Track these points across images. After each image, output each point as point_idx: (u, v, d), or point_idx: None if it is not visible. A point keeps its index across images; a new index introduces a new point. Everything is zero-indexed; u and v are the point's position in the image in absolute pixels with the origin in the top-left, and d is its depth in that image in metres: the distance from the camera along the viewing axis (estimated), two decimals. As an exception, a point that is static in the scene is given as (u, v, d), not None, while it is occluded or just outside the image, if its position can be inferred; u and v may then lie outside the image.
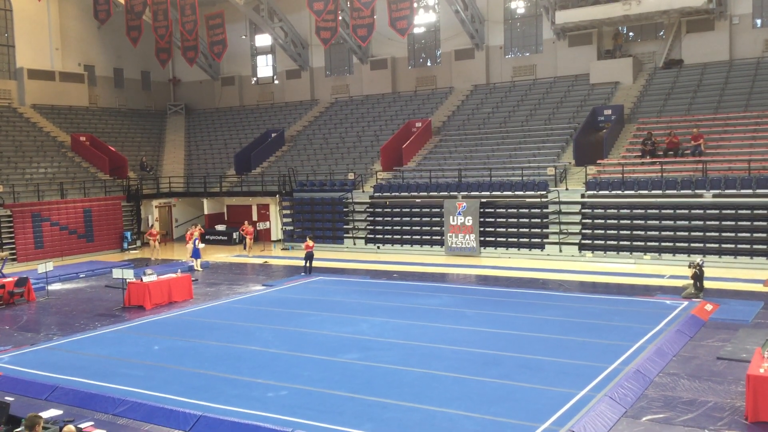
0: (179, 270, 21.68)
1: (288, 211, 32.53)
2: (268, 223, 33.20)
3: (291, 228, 32.02)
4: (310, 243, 23.91)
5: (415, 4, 34.29)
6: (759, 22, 30.73)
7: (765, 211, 22.36)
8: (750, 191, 22.70)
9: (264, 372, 12.72)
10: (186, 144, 42.33)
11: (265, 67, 44.80)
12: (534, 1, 35.24)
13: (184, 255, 27.79)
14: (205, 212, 35.61)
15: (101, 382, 12.32)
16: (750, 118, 26.79)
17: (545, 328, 15.37)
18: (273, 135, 38.54)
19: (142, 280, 19.27)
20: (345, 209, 30.96)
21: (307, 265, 23.75)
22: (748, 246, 22.26)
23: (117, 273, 19.84)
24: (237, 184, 35.55)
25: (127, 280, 19.41)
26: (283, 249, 31.13)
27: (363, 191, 31.02)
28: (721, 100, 28.74)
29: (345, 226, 30.74)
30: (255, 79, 45.03)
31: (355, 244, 29.87)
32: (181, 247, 30.35)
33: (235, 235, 33.23)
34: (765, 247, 21.99)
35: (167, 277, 20.04)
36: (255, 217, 34.22)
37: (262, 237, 32.72)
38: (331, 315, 17.31)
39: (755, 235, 22.34)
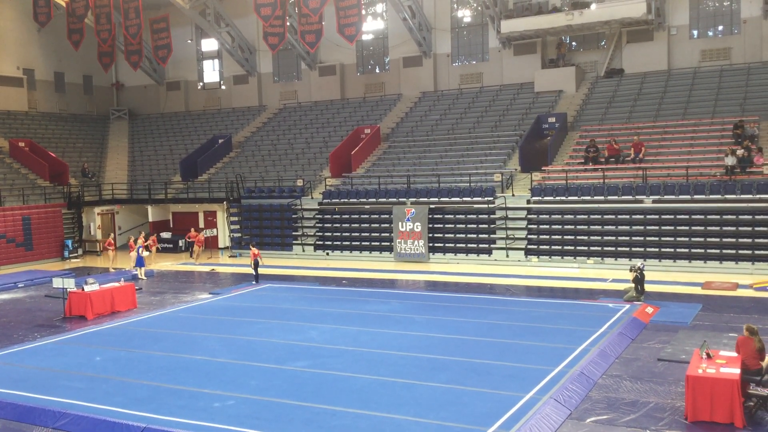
0: (122, 279, 21.16)
1: (236, 218, 32.13)
2: (215, 230, 32.71)
3: (239, 235, 31.62)
4: (255, 251, 23.62)
5: (364, 11, 34.43)
6: (695, 33, 31.90)
7: (702, 216, 23.17)
8: (688, 197, 23.48)
9: (210, 382, 12.50)
10: (130, 150, 41.43)
11: (211, 72, 44.25)
12: (480, 11, 35.79)
13: (130, 263, 27.13)
14: (150, 219, 34.85)
15: (41, 395, 11.91)
16: (687, 126, 27.74)
17: (492, 332, 15.56)
18: (220, 141, 38.08)
19: (83, 289, 18.74)
20: (294, 216, 30.77)
21: (255, 272, 23.44)
22: (687, 250, 22.99)
23: (57, 282, 19.23)
24: (183, 191, 34.95)
25: (68, 290, 18.84)
26: (230, 256, 30.71)
27: (312, 198, 30.90)
28: (660, 108, 29.69)
29: (294, 233, 30.54)
30: (201, 84, 44.42)
31: (304, 250, 29.70)
32: (125, 255, 29.62)
33: (180, 243, 32.62)
34: (702, 250, 22.76)
35: (110, 286, 19.54)
36: (202, 224, 33.69)
37: (209, 244, 32.20)
38: (280, 323, 17.15)
39: (693, 239, 23.10)
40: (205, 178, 35.33)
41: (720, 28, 31.68)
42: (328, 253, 29.12)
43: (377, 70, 39.45)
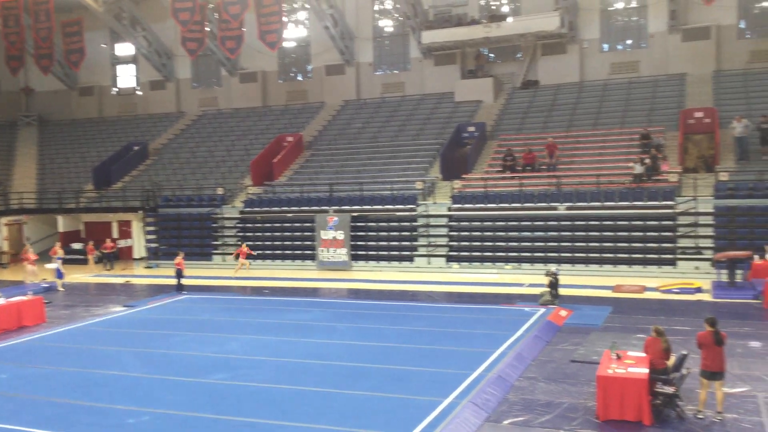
0: (30, 292, 20.18)
1: (152, 228, 31.22)
2: (130, 240, 31.67)
3: (156, 245, 30.74)
4: (180, 260, 23.03)
5: (285, 19, 34.25)
6: (606, 46, 33.31)
7: (612, 222, 24.16)
8: (599, 203, 24.44)
9: (124, 397, 12.06)
10: (39, 157, 39.65)
11: (127, 78, 42.95)
12: (401, 21, 36.21)
13: (39, 275, 25.88)
14: (60, 230, 33.37)
15: (-64, 419, 11.19)
16: (598, 136, 28.89)
17: (414, 338, 15.69)
18: (135, 148, 36.98)
19: (-14, 304, 17.74)
20: (214, 225, 30.18)
21: (179, 282, 22.87)
22: (598, 255, 23.90)
23: (-43, 297, 18.14)
24: (96, 200, 33.70)
25: (-30, 305, 17.79)
26: (146, 267, 29.80)
27: (233, 206, 30.40)
28: (573, 118, 30.81)
29: (214, 242, 29.94)
30: (116, 89, 43.04)
31: (224, 260, 29.14)
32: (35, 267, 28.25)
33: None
34: (612, 255, 23.72)
35: (16, 300, 18.57)
36: (115, 234, 32.54)
37: (123, 255, 31.15)
38: (198, 334, 16.74)
39: (604, 244, 24.04)
40: (119, 187, 34.20)
41: (629, 42, 33.21)
42: (249, 263, 28.64)
43: (300, 78, 39.29)
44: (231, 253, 29.16)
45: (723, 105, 28.13)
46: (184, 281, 23.09)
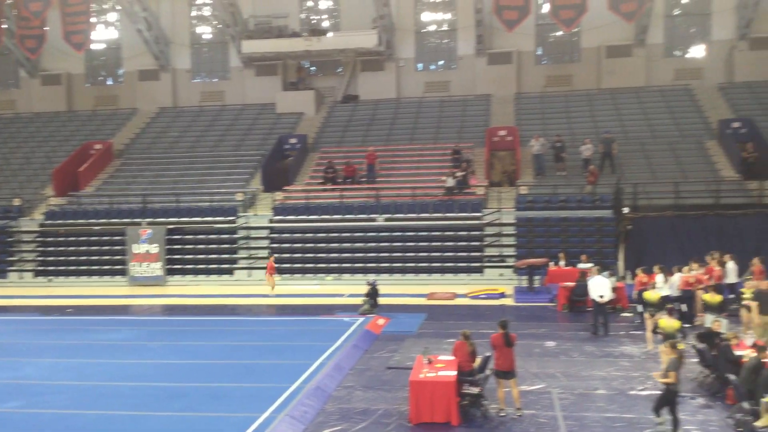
0: None
1: (-66, 243, 27.78)
2: None
3: (-62, 262, 27.38)
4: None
5: (93, 19, 32.18)
6: (420, 66, 34.96)
7: (426, 233, 25.33)
8: (414, 215, 25.53)
9: None
10: None
11: None
12: (221, 29, 35.47)
13: None
14: None
15: None
16: (414, 150, 30.19)
17: (233, 354, 15.33)
18: None
19: None
20: (9, 239, 27.48)
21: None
22: (414, 264, 24.93)
23: None
24: None
25: None
26: (-73, 287, 26.43)
27: (32, 219, 27.93)
28: (391, 133, 31.94)
29: (9, 258, 27.25)
30: None
31: (21, 277, 26.65)
32: None
33: None
34: (426, 264, 24.84)
35: None
36: None
37: None
38: (-12, 360, 15.12)
39: (419, 254, 25.13)
40: None
41: (441, 63, 35.13)
42: (50, 280, 26.45)
43: (109, 82, 37.08)
44: (30, 270, 26.79)
45: (523, 124, 30.63)
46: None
